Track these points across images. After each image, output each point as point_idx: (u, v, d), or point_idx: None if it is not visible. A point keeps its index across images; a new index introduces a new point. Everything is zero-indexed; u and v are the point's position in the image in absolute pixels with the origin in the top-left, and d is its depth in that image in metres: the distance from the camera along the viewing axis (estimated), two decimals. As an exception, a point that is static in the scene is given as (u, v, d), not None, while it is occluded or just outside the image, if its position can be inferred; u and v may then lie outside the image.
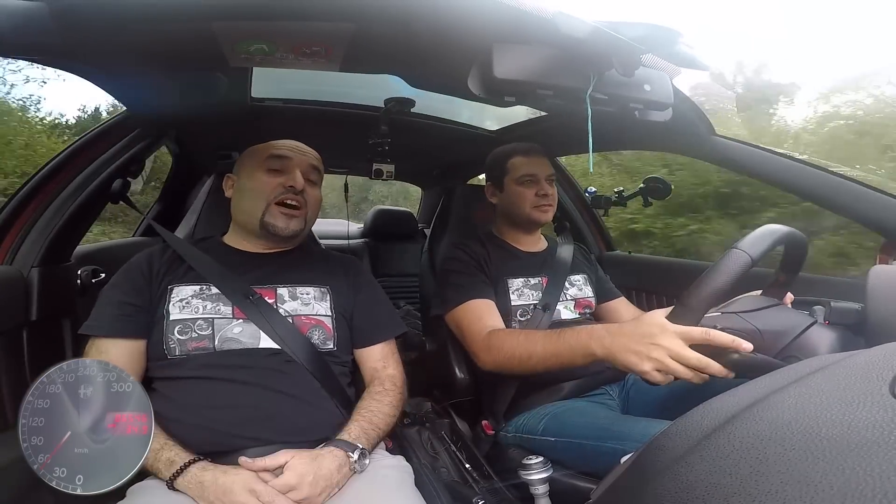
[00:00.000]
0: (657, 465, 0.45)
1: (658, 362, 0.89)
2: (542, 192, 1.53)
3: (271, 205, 1.15)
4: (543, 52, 0.86)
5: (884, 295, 0.82)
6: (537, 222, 1.57)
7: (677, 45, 0.81)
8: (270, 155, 1.17)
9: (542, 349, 1.14)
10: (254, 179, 1.16)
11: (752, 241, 0.86)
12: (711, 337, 0.84)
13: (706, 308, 0.87)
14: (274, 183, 1.15)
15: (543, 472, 1.06)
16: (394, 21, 0.91)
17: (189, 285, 1.10)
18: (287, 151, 1.18)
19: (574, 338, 1.08)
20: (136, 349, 1.05)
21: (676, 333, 0.87)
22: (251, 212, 1.16)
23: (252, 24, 0.92)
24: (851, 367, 0.46)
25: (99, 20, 0.85)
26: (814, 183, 1.26)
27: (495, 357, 1.25)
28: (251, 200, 1.16)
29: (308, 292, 1.17)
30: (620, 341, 0.96)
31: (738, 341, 0.83)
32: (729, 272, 0.84)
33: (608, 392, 1.44)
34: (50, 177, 1.33)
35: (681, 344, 0.87)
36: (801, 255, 1.00)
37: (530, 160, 1.56)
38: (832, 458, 0.33)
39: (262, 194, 1.15)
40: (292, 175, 1.15)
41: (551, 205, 1.55)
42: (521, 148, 1.59)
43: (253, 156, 1.20)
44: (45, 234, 1.29)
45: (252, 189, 1.16)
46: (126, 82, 1.22)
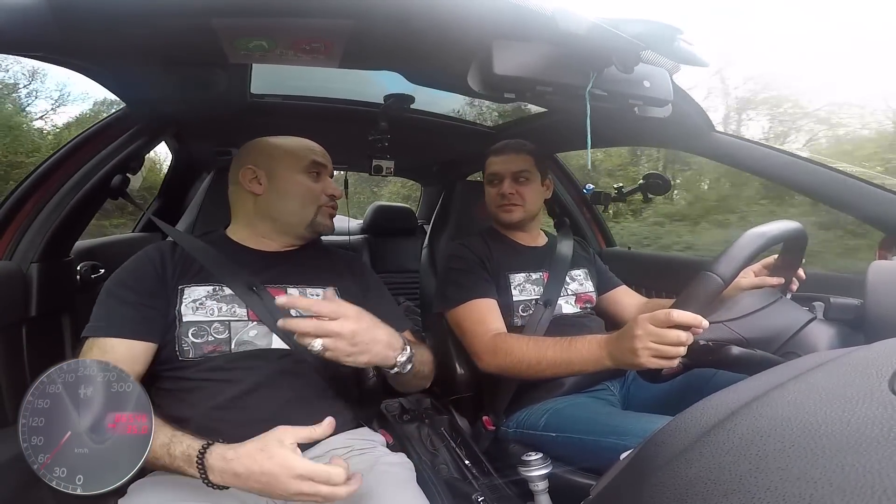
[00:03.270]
0: (656, 461, 0.45)
1: (648, 349, 0.98)
2: (501, 192, 1.54)
3: (322, 207, 1.21)
4: (543, 49, 0.86)
5: (883, 291, 0.82)
6: (502, 222, 1.58)
7: (676, 42, 0.80)
8: (314, 161, 1.20)
9: (554, 356, 1.19)
10: (300, 184, 1.19)
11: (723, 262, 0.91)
12: (674, 317, 0.94)
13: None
14: (319, 189, 1.21)
15: (543, 469, 1.07)
16: (393, 17, 0.91)
17: (201, 286, 1.08)
18: (323, 159, 1.23)
19: (585, 347, 1.15)
20: (145, 351, 1.01)
21: (646, 319, 0.98)
22: (302, 214, 1.19)
23: (251, 21, 0.91)
24: (851, 364, 0.46)
25: (98, 16, 0.85)
26: (813, 179, 1.26)
27: (501, 361, 1.28)
28: (301, 204, 1.19)
29: (318, 293, 1.17)
30: (618, 345, 1.07)
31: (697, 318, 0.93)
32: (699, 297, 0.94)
33: (609, 388, 1.45)
34: (49, 173, 1.33)
35: (653, 327, 0.97)
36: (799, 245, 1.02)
37: (498, 158, 1.57)
38: (831, 454, 0.34)
39: (313, 199, 1.20)
40: (329, 183, 1.23)
41: (515, 204, 1.55)
42: (497, 146, 1.60)
43: (292, 159, 1.19)
44: (45, 230, 1.29)
45: (302, 193, 1.19)
46: (126, 78, 1.21)
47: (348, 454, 1.04)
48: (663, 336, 0.96)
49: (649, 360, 0.98)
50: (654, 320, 0.97)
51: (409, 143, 2.13)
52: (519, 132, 1.92)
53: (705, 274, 0.93)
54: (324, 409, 1.06)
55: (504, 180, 1.54)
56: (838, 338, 0.91)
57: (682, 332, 0.94)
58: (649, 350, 0.98)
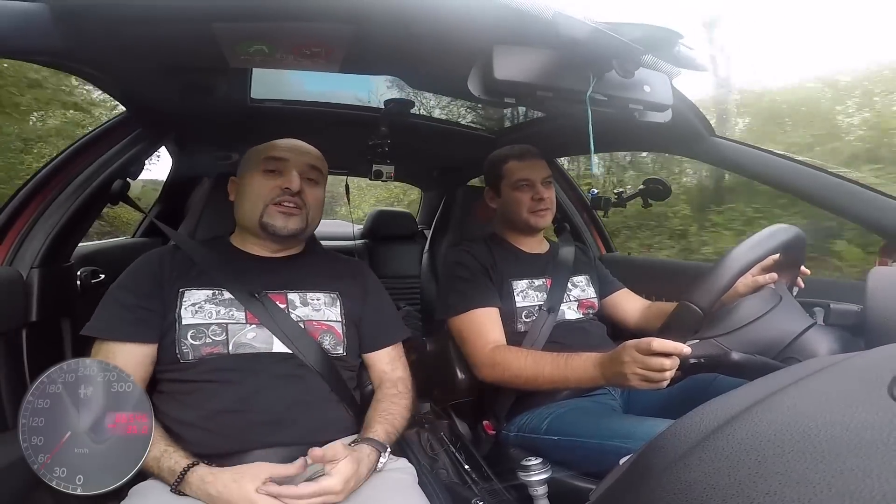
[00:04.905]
0: (656, 465, 0.45)
1: (636, 374, 1.01)
2: (538, 197, 1.52)
3: (269, 206, 1.14)
4: (543, 54, 0.86)
5: (883, 296, 0.82)
6: (535, 227, 1.56)
7: (677, 46, 0.81)
8: (267, 157, 1.16)
9: (551, 373, 1.22)
10: (252, 181, 1.16)
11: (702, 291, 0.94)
12: (654, 346, 0.97)
13: None
14: (271, 185, 1.14)
15: (543, 474, 1.06)
16: (394, 22, 0.91)
17: (201, 289, 1.09)
18: (284, 153, 1.17)
19: (580, 366, 1.17)
20: (147, 353, 1.03)
21: (632, 347, 1.01)
22: (250, 213, 1.15)
23: (252, 26, 0.92)
24: (850, 369, 0.46)
25: (100, 21, 0.85)
26: (813, 184, 1.26)
27: (500, 374, 1.30)
28: (249, 202, 1.15)
29: (318, 298, 1.17)
30: (610, 368, 1.09)
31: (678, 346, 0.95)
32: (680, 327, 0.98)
33: (610, 392, 1.45)
34: (50, 177, 1.33)
35: (639, 354, 1.00)
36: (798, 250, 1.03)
37: (524, 164, 1.55)
38: (831, 459, 0.34)
39: (260, 196, 1.14)
40: (288, 177, 1.14)
41: (548, 208, 1.54)
42: (515, 151, 1.58)
43: (252, 157, 1.20)
44: (45, 235, 1.29)
45: (250, 191, 1.16)
46: (127, 83, 1.22)
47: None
48: (647, 363, 0.99)
49: (639, 383, 1.02)
50: (639, 348, 1.00)
51: (410, 147, 2.13)
52: (520, 137, 1.93)
53: (684, 304, 0.97)
54: (325, 413, 1.07)
55: (536, 185, 1.53)
56: (838, 343, 0.91)
57: (665, 359, 0.97)
58: (637, 375, 1.01)
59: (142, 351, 1.03)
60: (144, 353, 1.03)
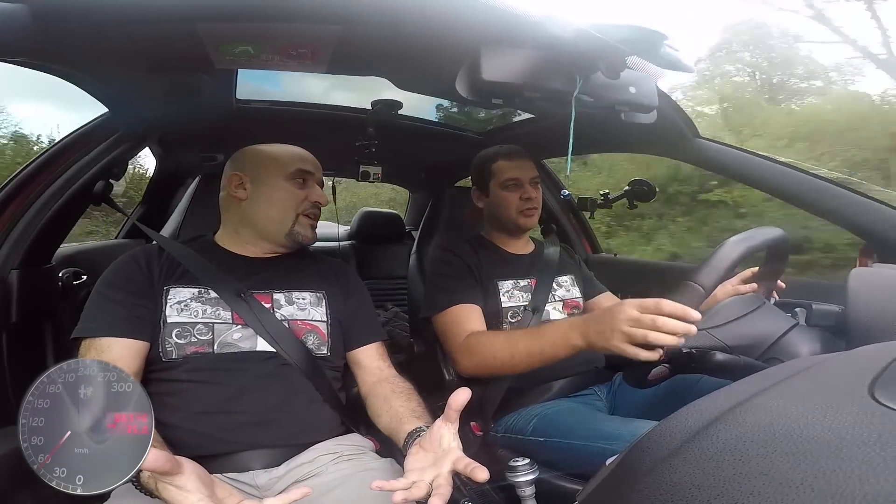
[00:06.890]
0: (641, 466, 0.45)
1: (625, 335, 0.94)
2: (526, 196, 1.53)
3: (300, 216, 1.18)
4: (531, 55, 0.86)
5: (864, 297, 0.83)
6: (523, 227, 1.57)
7: (662, 48, 0.81)
8: (300, 169, 1.19)
9: (526, 347, 1.18)
10: (283, 190, 1.18)
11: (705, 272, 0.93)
12: (665, 306, 0.90)
13: None
14: (302, 196, 1.19)
15: (530, 474, 1.06)
16: (381, 23, 0.91)
17: (186, 287, 1.08)
18: (310, 166, 1.21)
19: (554, 332, 1.14)
20: (138, 352, 1.01)
21: (634, 304, 0.94)
22: (281, 221, 1.18)
23: (237, 26, 0.91)
24: (832, 369, 0.47)
25: (81, 21, 0.84)
26: (796, 186, 1.28)
27: (476, 360, 1.29)
28: (281, 211, 1.17)
29: (304, 297, 1.18)
30: (594, 327, 1.03)
31: (686, 310, 0.89)
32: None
33: (596, 392, 1.46)
34: (31, 178, 1.31)
35: (636, 312, 0.93)
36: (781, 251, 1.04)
37: (514, 163, 1.55)
38: (813, 459, 0.34)
39: (293, 206, 1.18)
40: (315, 190, 1.21)
41: (536, 208, 1.55)
42: (503, 151, 1.59)
43: (270, 164, 1.19)
44: (26, 236, 1.27)
45: (282, 200, 1.18)
46: (108, 84, 1.20)
47: (336, 459, 1.04)
48: (643, 321, 0.92)
49: (621, 344, 0.95)
50: (643, 306, 0.93)
51: (397, 148, 2.13)
52: (507, 137, 1.93)
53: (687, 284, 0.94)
54: (311, 413, 1.06)
55: (524, 185, 1.53)
56: (820, 343, 0.92)
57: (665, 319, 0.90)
58: (625, 334, 0.94)
59: (132, 347, 1.01)
60: (138, 350, 1.01)
